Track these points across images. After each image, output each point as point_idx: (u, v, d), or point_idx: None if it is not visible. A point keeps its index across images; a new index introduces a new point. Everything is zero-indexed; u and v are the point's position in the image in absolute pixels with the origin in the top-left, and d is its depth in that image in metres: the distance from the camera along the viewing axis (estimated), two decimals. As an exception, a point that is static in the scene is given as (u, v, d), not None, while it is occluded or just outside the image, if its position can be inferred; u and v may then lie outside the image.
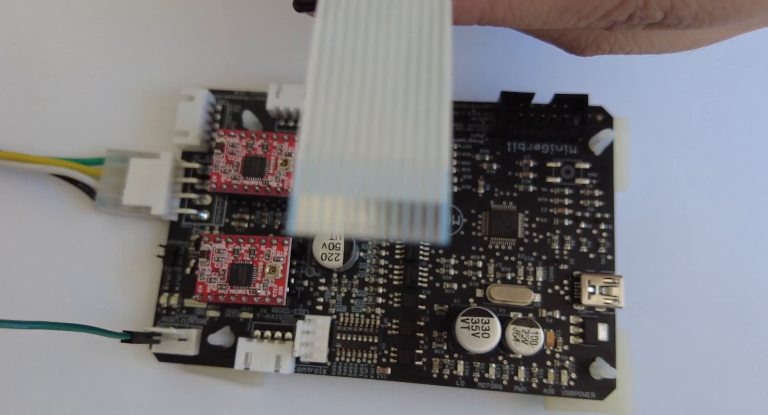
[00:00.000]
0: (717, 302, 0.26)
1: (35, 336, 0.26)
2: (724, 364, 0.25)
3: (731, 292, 0.26)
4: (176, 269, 0.26)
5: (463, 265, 0.26)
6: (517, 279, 0.25)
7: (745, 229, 0.27)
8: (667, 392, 0.25)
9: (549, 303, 0.25)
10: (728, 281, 0.26)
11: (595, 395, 0.24)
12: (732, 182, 0.27)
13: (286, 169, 0.25)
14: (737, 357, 0.25)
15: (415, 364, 0.25)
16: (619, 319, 0.25)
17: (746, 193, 0.27)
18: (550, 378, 0.24)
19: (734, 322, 0.26)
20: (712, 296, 0.26)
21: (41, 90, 0.29)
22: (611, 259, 0.25)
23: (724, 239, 0.27)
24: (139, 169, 0.26)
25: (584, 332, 0.25)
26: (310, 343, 0.24)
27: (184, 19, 0.30)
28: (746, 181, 0.27)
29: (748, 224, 0.27)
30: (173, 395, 0.26)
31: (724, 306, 0.26)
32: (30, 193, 0.28)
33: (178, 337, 0.25)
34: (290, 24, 0.30)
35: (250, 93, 0.28)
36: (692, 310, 0.26)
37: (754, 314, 0.26)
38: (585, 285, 0.25)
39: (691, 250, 0.27)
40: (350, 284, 0.26)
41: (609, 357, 0.24)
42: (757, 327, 0.26)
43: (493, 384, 0.24)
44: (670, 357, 0.26)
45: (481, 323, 0.23)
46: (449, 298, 0.25)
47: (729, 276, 0.26)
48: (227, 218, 0.27)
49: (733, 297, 0.26)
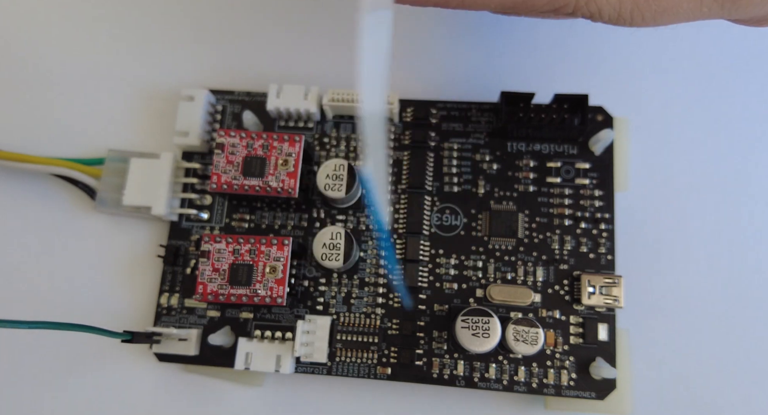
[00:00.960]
0: (716, 301, 0.26)
1: (35, 336, 0.26)
2: (723, 363, 0.25)
3: (730, 291, 0.26)
4: (176, 268, 0.26)
5: (464, 265, 0.26)
6: (517, 279, 0.25)
7: (744, 229, 0.27)
8: (666, 392, 0.25)
9: (549, 303, 0.25)
10: (727, 280, 0.26)
11: (595, 395, 0.24)
12: (731, 182, 0.27)
13: (286, 169, 0.25)
14: (737, 357, 0.25)
15: (416, 364, 0.25)
16: (618, 319, 0.25)
17: (745, 193, 0.27)
18: (550, 378, 0.24)
19: (733, 321, 0.26)
20: (711, 295, 0.26)
21: (42, 90, 0.29)
22: (611, 259, 0.25)
23: (724, 239, 0.27)
24: (139, 169, 0.26)
25: (584, 332, 0.25)
26: (311, 343, 0.24)
27: (185, 21, 0.30)
28: (745, 181, 0.27)
29: (747, 224, 0.27)
30: (173, 395, 0.26)
31: (723, 306, 0.26)
32: (30, 194, 0.28)
33: (178, 337, 0.25)
34: (290, 25, 0.30)
35: (250, 93, 0.28)
36: (692, 309, 0.26)
37: (753, 314, 0.26)
38: (585, 285, 0.25)
39: (690, 250, 0.27)
40: (350, 284, 0.26)
41: (609, 357, 0.24)
42: (756, 327, 0.26)
43: (493, 384, 0.24)
44: (669, 357, 0.26)
45: (481, 323, 0.23)
46: (449, 298, 0.25)
47: (728, 276, 0.26)
48: (227, 218, 0.27)
49: (732, 297, 0.26)
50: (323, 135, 0.27)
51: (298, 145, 0.25)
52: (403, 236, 0.26)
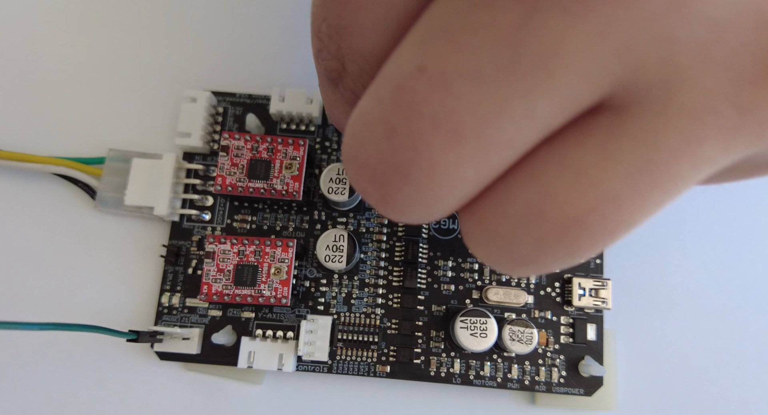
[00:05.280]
0: (698, 302, 0.28)
1: (34, 337, 0.26)
2: (703, 361, 0.27)
3: (713, 293, 0.28)
4: (177, 268, 0.27)
5: (461, 267, 0.27)
6: (511, 281, 0.27)
7: (729, 234, 0.28)
8: (649, 388, 0.27)
9: (541, 304, 0.26)
10: (711, 283, 0.28)
11: (584, 391, 0.25)
12: (723, 189, 0.29)
13: (291, 172, 0.25)
14: (717, 355, 0.27)
15: (414, 362, 0.26)
16: (605, 319, 0.26)
17: (734, 199, 0.29)
18: (542, 376, 0.26)
19: (715, 321, 0.27)
20: (693, 296, 0.28)
21: (42, 90, 0.29)
22: (600, 263, 0.27)
23: (711, 244, 0.28)
24: (141, 169, 0.27)
25: (574, 332, 0.26)
26: (312, 342, 0.25)
27: (185, 22, 0.30)
28: (739, 184, 0.29)
29: (732, 230, 0.28)
30: (174, 392, 0.26)
31: (704, 306, 0.27)
32: (30, 193, 0.28)
33: (182, 336, 0.25)
34: (291, 30, 0.30)
35: (251, 96, 0.28)
36: (675, 311, 0.28)
37: (732, 313, 0.27)
38: (576, 287, 0.26)
39: (675, 254, 0.28)
40: (351, 284, 0.26)
41: (596, 356, 0.26)
42: (734, 326, 0.27)
43: (487, 381, 0.25)
44: (652, 355, 0.27)
45: (479, 324, 0.24)
46: (447, 299, 0.26)
47: (712, 279, 0.28)
48: (229, 219, 0.27)
49: (714, 298, 0.28)
50: (324, 139, 0.28)
51: (303, 149, 0.25)
52: (402, 239, 0.27)
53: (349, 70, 0.15)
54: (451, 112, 0.11)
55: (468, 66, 0.11)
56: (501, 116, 0.11)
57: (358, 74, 0.15)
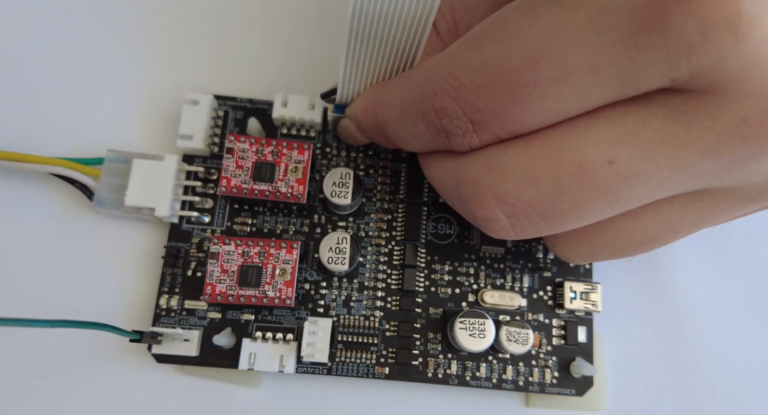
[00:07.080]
0: (684, 306, 0.29)
1: (32, 337, 0.26)
2: (687, 364, 0.28)
3: (700, 296, 0.29)
4: (176, 270, 0.27)
5: (457, 271, 0.27)
6: (506, 285, 0.28)
7: (717, 238, 0.30)
8: (636, 389, 0.28)
9: (534, 307, 0.27)
10: (698, 287, 0.29)
11: (575, 391, 0.26)
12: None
13: (296, 175, 0.26)
14: (703, 357, 0.28)
15: (412, 364, 0.26)
16: (595, 322, 0.27)
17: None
18: (536, 376, 0.26)
19: (701, 325, 0.29)
20: (680, 300, 0.29)
21: (42, 90, 0.29)
22: (589, 267, 0.28)
23: (699, 248, 0.30)
24: (142, 170, 0.26)
25: (565, 334, 0.27)
26: (313, 343, 0.25)
27: (185, 23, 0.31)
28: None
29: (722, 233, 0.30)
30: (171, 395, 0.26)
31: (691, 311, 0.29)
32: (28, 193, 0.27)
33: (183, 337, 0.25)
34: (293, 35, 0.31)
35: (252, 100, 0.29)
36: (663, 313, 0.29)
37: (719, 317, 0.29)
38: (567, 291, 0.27)
39: (663, 259, 0.29)
40: (350, 287, 0.27)
41: (587, 357, 0.27)
42: (721, 330, 0.29)
43: (483, 382, 0.26)
44: (639, 357, 0.28)
45: (477, 325, 0.25)
46: (444, 302, 0.27)
47: (699, 283, 0.29)
48: (229, 222, 0.27)
49: (700, 302, 0.29)
50: (325, 145, 0.29)
51: (308, 153, 0.26)
52: (401, 242, 0.27)
53: (478, 134, 0.19)
54: (625, 204, 0.18)
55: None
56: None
57: (486, 138, 0.19)
